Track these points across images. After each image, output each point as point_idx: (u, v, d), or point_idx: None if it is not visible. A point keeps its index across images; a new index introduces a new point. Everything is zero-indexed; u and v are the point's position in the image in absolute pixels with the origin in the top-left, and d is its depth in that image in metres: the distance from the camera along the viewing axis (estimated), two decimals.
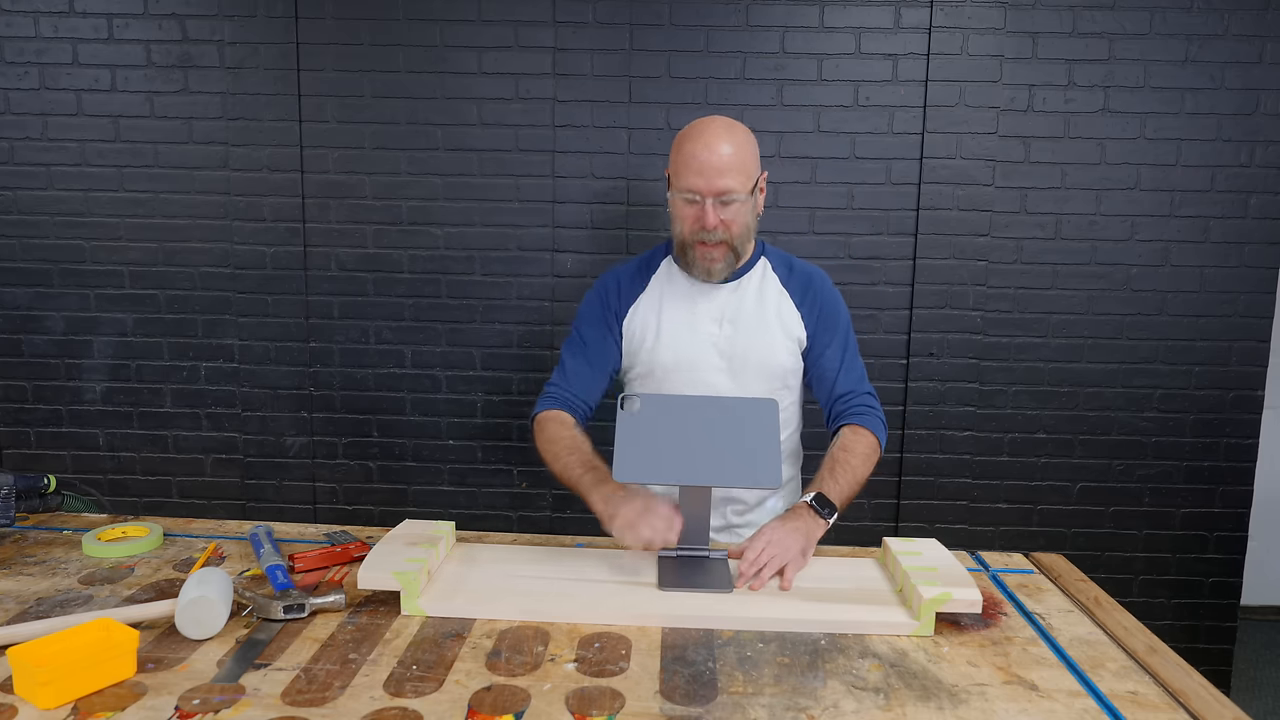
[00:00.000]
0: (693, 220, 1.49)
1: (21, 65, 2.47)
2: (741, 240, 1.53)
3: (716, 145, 1.46)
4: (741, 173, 1.48)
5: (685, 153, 1.49)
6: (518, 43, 2.43)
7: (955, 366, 2.51)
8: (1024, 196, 2.46)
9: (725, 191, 1.46)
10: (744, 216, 1.50)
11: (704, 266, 1.53)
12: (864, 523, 2.58)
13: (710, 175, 1.46)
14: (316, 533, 1.48)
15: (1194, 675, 1.05)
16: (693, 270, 1.56)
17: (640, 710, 0.94)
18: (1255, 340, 2.49)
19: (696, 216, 1.48)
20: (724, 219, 1.48)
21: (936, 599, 1.14)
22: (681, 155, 1.49)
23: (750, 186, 1.50)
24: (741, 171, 1.48)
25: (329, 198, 2.50)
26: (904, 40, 2.40)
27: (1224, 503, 2.55)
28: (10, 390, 2.61)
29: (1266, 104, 2.40)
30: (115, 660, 0.97)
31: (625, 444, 1.30)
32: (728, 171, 1.46)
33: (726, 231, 1.49)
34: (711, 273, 1.54)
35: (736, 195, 1.47)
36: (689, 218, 1.50)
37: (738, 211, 1.49)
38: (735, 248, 1.52)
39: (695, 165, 1.46)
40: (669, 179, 1.54)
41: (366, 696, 0.96)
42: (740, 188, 1.48)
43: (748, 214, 1.51)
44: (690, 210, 1.49)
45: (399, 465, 2.61)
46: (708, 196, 1.46)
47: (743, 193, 1.48)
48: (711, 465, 1.29)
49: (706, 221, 1.47)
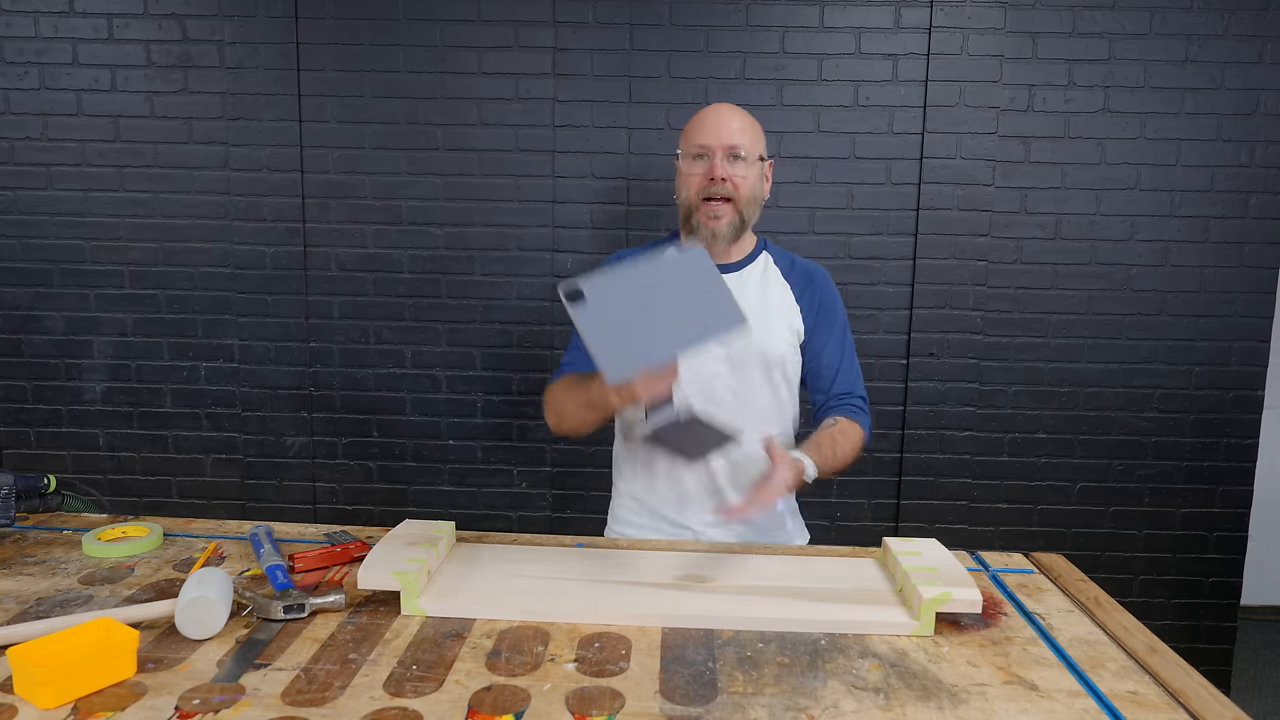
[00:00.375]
0: (701, 177, 1.50)
1: (21, 65, 2.47)
2: (748, 205, 1.52)
3: (728, 112, 1.52)
4: (752, 138, 1.51)
5: (699, 117, 1.53)
6: (518, 43, 2.43)
7: (955, 366, 2.51)
8: (1024, 196, 2.46)
9: (735, 147, 1.49)
10: (752, 179, 1.51)
11: (709, 227, 1.51)
12: (864, 523, 2.58)
13: (721, 132, 1.49)
14: (316, 533, 1.48)
15: (1194, 675, 1.05)
16: (698, 233, 1.53)
17: (640, 710, 0.94)
18: (1255, 340, 2.49)
19: (705, 172, 1.49)
20: (732, 174, 1.49)
21: (936, 599, 1.14)
22: (693, 122, 1.54)
23: (758, 154, 1.53)
24: (752, 137, 1.51)
25: (329, 198, 2.50)
26: (904, 40, 2.40)
27: (1224, 503, 2.55)
28: (10, 390, 2.61)
29: (1266, 104, 2.40)
30: (115, 660, 0.97)
31: (595, 342, 1.20)
32: (739, 131, 1.50)
33: (734, 189, 1.49)
34: (717, 234, 1.51)
35: (745, 153, 1.49)
36: (697, 174, 1.51)
37: (746, 171, 1.50)
38: (741, 211, 1.51)
39: (706, 125, 1.51)
40: (678, 157, 1.56)
41: (366, 696, 0.96)
42: (750, 147, 1.50)
43: (755, 180, 1.53)
44: (699, 167, 1.50)
45: (399, 465, 2.61)
46: (717, 151, 1.48)
47: (752, 153, 1.51)
48: (683, 330, 1.25)
49: (715, 173, 1.48)
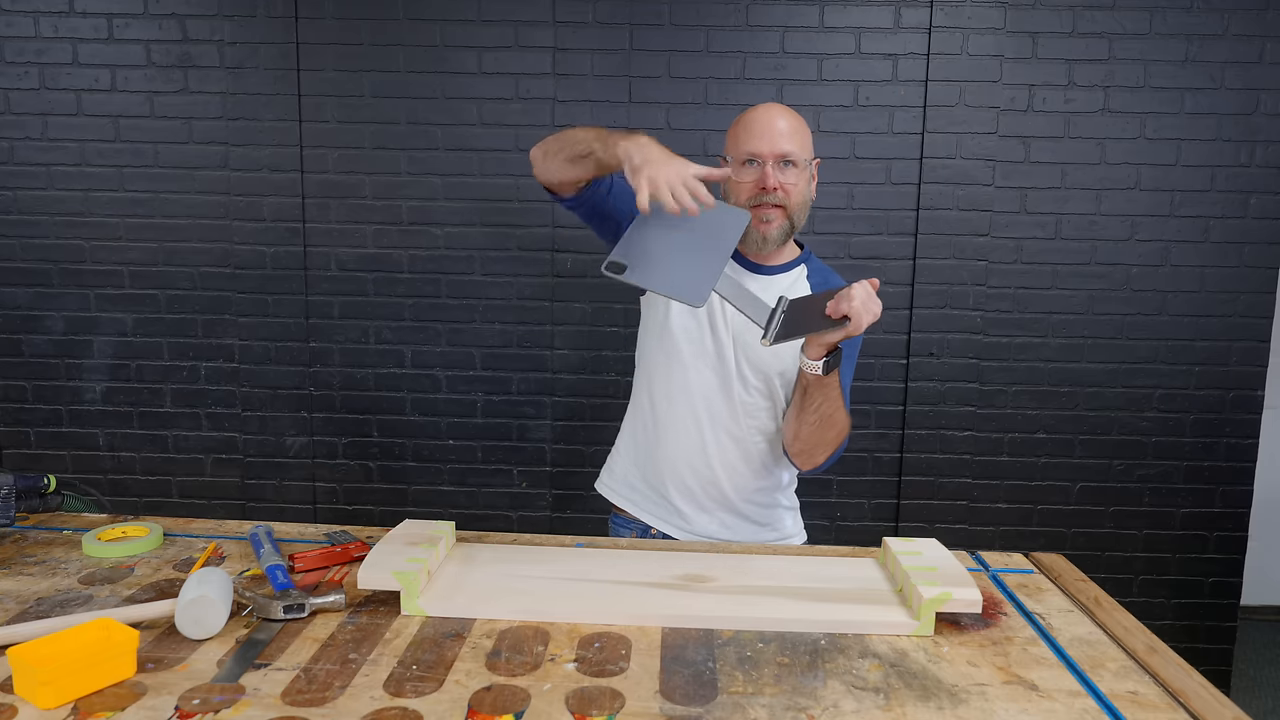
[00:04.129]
0: (752, 185, 1.49)
1: (21, 65, 2.47)
2: (797, 212, 1.52)
3: (777, 115, 1.50)
4: (801, 141, 1.50)
5: (746, 120, 1.51)
6: (518, 43, 2.43)
7: (955, 366, 2.51)
8: (1024, 196, 2.46)
9: (786, 154, 1.47)
10: (802, 185, 1.51)
11: (760, 231, 1.50)
12: (864, 523, 2.58)
13: (772, 138, 1.47)
14: (316, 533, 1.48)
15: (1194, 675, 1.05)
16: (748, 236, 1.51)
17: (640, 710, 0.94)
18: (1255, 340, 2.49)
19: (757, 180, 1.48)
20: (783, 182, 1.48)
21: (936, 599, 1.14)
22: (742, 123, 1.51)
23: (808, 159, 1.52)
24: (801, 141, 1.50)
25: (329, 198, 2.50)
26: (904, 40, 2.40)
27: (1224, 503, 2.55)
28: (10, 390, 2.61)
29: (1266, 104, 2.40)
30: (115, 660, 0.97)
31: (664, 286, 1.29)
32: (789, 136, 1.48)
33: (785, 196, 1.49)
34: (767, 238, 1.51)
35: (797, 159, 1.48)
36: (748, 182, 1.49)
37: (797, 178, 1.49)
38: (791, 217, 1.51)
39: (757, 129, 1.48)
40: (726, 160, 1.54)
41: (366, 696, 0.96)
42: (800, 153, 1.49)
43: (805, 185, 1.52)
44: (750, 174, 1.49)
45: (399, 465, 2.61)
46: (769, 159, 1.47)
47: (803, 159, 1.49)
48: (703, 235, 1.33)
49: (767, 183, 1.47)
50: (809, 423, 1.44)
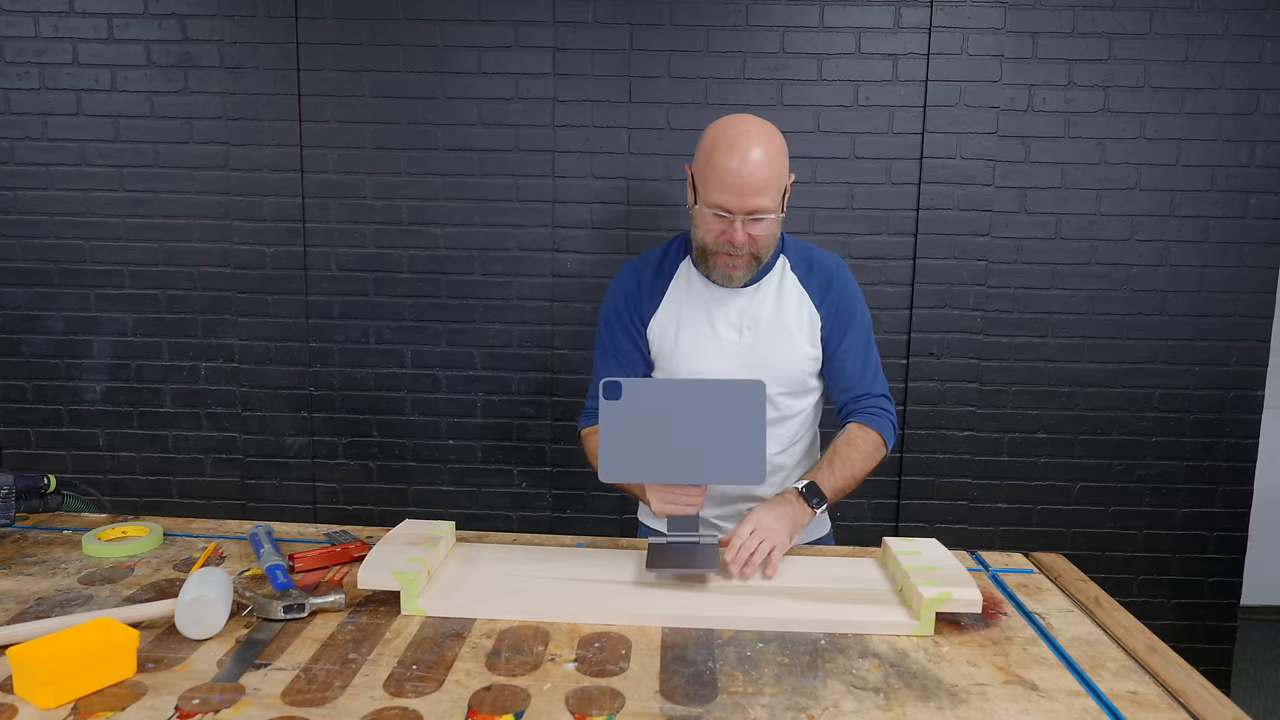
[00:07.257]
0: (718, 234, 1.44)
1: (21, 65, 2.47)
2: (766, 250, 1.47)
3: (749, 157, 1.37)
4: (774, 189, 1.41)
5: (716, 165, 1.39)
6: (518, 43, 2.43)
7: (955, 366, 2.51)
8: (1024, 196, 2.46)
9: (756, 210, 1.39)
10: (772, 231, 1.45)
11: (725, 273, 1.48)
12: (864, 523, 2.58)
13: (743, 194, 1.38)
14: (316, 533, 1.48)
15: (1194, 675, 1.05)
16: (713, 275, 1.51)
17: (640, 710, 0.94)
18: (1255, 340, 2.49)
19: (723, 231, 1.42)
20: (752, 234, 1.42)
21: (936, 599, 1.14)
22: (712, 166, 1.40)
23: (780, 201, 1.45)
24: (774, 187, 1.41)
25: (329, 198, 2.50)
26: (904, 40, 2.40)
27: (1224, 503, 2.55)
28: (10, 390, 2.61)
29: (1266, 104, 2.40)
30: (115, 660, 0.97)
31: (609, 440, 1.29)
32: (760, 190, 1.38)
33: (753, 245, 1.44)
34: (733, 279, 1.49)
35: (767, 213, 1.41)
36: (714, 231, 1.44)
37: (767, 228, 1.43)
38: (759, 257, 1.47)
39: (726, 180, 1.38)
40: (692, 180, 1.47)
41: (366, 696, 0.96)
42: (772, 205, 1.41)
43: (775, 227, 1.46)
44: (717, 224, 1.43)
45: (399, 465, 2.61)
46: (738, 215, 1.40)
47: (774, 210, 1.42)
48: (695, 461, 1.30)
49: (735, 239, 1.41)
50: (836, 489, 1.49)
